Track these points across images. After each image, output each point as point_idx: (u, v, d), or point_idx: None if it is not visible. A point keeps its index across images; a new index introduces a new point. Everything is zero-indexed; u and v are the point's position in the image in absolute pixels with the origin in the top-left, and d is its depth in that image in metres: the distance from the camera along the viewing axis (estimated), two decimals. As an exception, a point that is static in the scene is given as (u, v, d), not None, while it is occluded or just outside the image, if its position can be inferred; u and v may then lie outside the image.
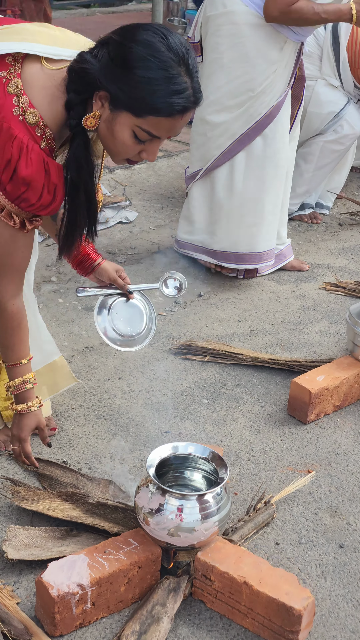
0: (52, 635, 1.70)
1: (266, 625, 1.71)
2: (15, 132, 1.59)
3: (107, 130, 1.62)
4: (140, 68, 1.51)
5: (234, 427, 2.47)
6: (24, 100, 1.61)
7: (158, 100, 1.53)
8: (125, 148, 1.64)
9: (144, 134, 1.59)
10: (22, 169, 1.61)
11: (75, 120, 1.61)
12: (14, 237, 1.75)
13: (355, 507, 2.14)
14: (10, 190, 1.65)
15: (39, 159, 1.62)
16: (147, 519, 1.78)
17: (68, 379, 2.35)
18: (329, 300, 3.41)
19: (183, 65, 1.55)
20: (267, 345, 2.98)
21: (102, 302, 2.12)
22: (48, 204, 1.69)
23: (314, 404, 2.48)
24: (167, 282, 2.26)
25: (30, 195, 1.65)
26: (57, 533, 1.96)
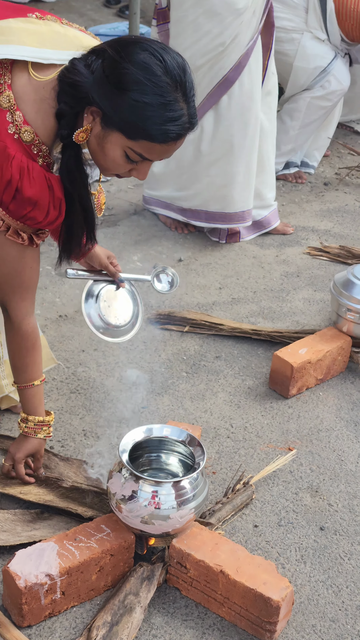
0: (19, 625, 1.63)
1: (243, 615, 1.65)
2: (12, 152, 1.52)
3: (98, 145, 1.56)
4: (136, 92, 1.44)
5: (213, 402, 2.39)
6: (17, 117, 1.53)
7: (152, 126, 1.47)
8: (116, 166, 1.58)
9: (135, 155, 1.54)
10: (27, 190, 1.54)
11: (66, 130, 1.54)
12: (22, 254, 1.68)
13: (337, 487, 2.07)
14: (14, 210, 1.57)
15: (41, 176, 1.55)
16: (120, 506, 1.70)
17: (48, 360, 2.25)
18: (313, 265, 3.31)
19: (180, 91, 1.48)
20: (249, 314, 2.89)
21: (90, 288, 2.03)
22: (54, 219, 1.62)
23: (296, 377, 2.40)
24: (160, 277, 2.17)
25: (36, 214, 1.58)
26: (27, 516, 1.88)
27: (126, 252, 3.22)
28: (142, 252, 3.25)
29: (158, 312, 2.79)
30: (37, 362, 1.85)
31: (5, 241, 1.64)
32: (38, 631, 1.63)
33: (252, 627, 1.64)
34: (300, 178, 4.22)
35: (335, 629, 1.67)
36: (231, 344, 2.69)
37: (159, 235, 3.39)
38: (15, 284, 1.72)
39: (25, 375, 1.86)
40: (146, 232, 3.41)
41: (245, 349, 2.67)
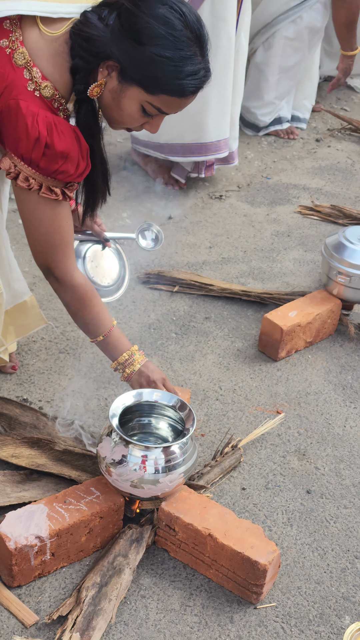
0: (9, 585, 1.65)
1: (230, 577, 1.68)
2: (35, 109, 1.50)
3: (113, 100, 1.55)
4: (157, 46, 1.45)
5: (202, 364, 2.39)
6: (35, 73, 1.51)
7: (173, 81, 1.48)
8: (131, 120, 1.58)
9: (153, 109, 1.56)
10: (58, 144, 1.52)
11: (81, 85, 1.54)
12: (57, 210, 1.66)
13: (324, 451, 2.10)
14: (45, 166, 1.55)
15: (69, 129, 1.54)
16: (110, 469, 1.71)
17: (38, 321, 2.23)
18: (304, 225, 3.29)
19: (197, 45, 1.49)
20: (238, 275, 2.87)
21: (76, 248, 2.01)
22: (84, 170, 1.61)
23: (286, 340, 2.40)
24: (144, 234, 2.14)
25: (68, 167, 1.57)
26: (16, 477, 1.88)
27: (115, 208, 3.18)
28: (131, 209, 3.20)
29: (147, 271, 2.76)
30: (103, 307, 1.83)
31: (39, 200, 1.62)
32: (28, 591, 1.65)
33: (239, 588, 1.67)
34: (292, 134, 4.16)
35: (320, 591, 1.71)
36: (221, 304, 2.68)
37: (149, 192, 3.35)
38: (55, 242, 1.70)
39: (101, 325, 1.83)
40: (136, 189, 3.36)
41: (235, 310, 2.66)
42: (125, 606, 1.64)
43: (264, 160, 3.85)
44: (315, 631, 1.62)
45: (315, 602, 1.68)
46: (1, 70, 1.50)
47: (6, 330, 2.14)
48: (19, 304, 2.15)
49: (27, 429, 2.03)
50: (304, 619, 1.65)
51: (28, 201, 1.64)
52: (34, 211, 1.65)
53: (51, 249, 1.71)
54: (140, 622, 1.60)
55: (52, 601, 1.63)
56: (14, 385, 2.20)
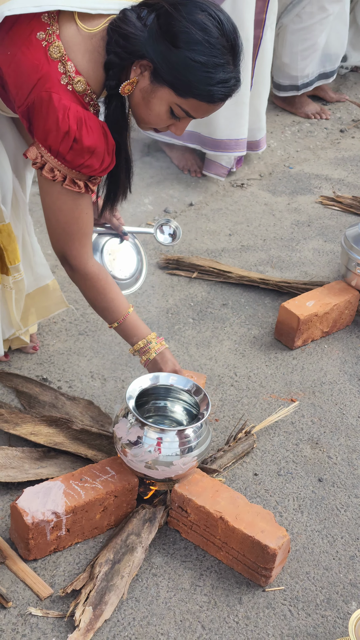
0: (25, 559, 1.70)
1: (240, 560, 1.71)
2: (67, 103, 1.53)
3: (143, 99, 1.57)
4: (192, 51, 1.47)
5: (218, 350, 2.42)
6: (69, 67, 1.54)
7: (204, 87, 1.50)
8: (158, 121, 1.61)
9: (181, 112, 1.58)
10: (86, 139, 1.55)
11: (114, 81, 1.56)
12: (78, 201, 1.69)
13: (337, 440, 2.12)
14: (71, 159, 1.59)
15: (98, 125, 1.57)
16: (125, 450, 1.75)
17: (59, 304, 2.27)
18: (325, 215, 3.30)
19: (231, 54, 1.51)
20: (257, 263, 2.89)
21: (94, 241, 2.04)
22: (108, 165, 1.64)
23: (302, 330, 2.42)
24: (162, 229, 2.17)
25: (93, 162, 1.60)
26: (34, 454, 1.93)
27: (137, 194, 3.21)
28: (153, 195, 3.23)
29: (167, 257, 2.79)
30: (119, 294, 1.85)
31: (62, 191, 1.65)
32: (43, 565, 1.70)
33: (248, 571, 1.71)
34: (324, 113, 4.15)
35: (328, 577, 1.74)
36: (239, 292, 2.71)
37: (171, 179, 3.37)
38: (73, 231, 1.73)
39: (116, 311, 1.85)
40: (158, 175, 3.38)
41: (253, 297, 2.69)
42: (137, 583, 1.68)
43: (286, 150, 3.85)
44: (321, 615, 1.66)
45: (322, 587, 1.72)
46: (36, 62, 1.52)
47: (27, 312, 2.18)
48: (41, 287, 2.19)
49: (46, 407, 2.07)
50: (311, 603, 1.68)
51: (51, 191, 1.67)
52: (55, 201, 1.68)
53: (69, 238, 1.75)
54: (151, 599, 1.65)
55: (66, 575, 1.67)
56: (34, 365, 2.25)
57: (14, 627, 1.56)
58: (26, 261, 2.08)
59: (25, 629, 1.56)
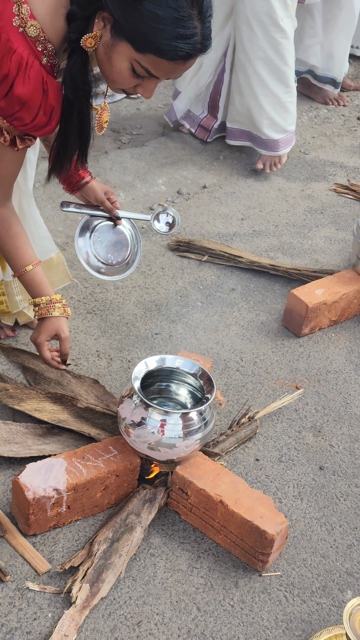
0: (25, 533, 1.71)
1: (238, 544, 1.72)
2: (14, 46, 1.45)
3: (105, 55, 1.49)
4: (151, 3, 1.38)
5: (225, 335, 2.42)
6: (24, 10, 1.45)
7: (162, 41, 1.41)
8: (121, 79, 1.52)
9: (142, 70, 1.48)
10: (19, 87, 1.48)
11: (75, 34, 1.47)
12: (1, 153, 1.63)
13: (340, 429, 2.12)
14: (4, 107, 1.52)
15: (38, 77, 1.49)
16: (129, 430, 1.76)
17: (64, 278, 2.26)
18: (338, 203, 3.28)
19: (196, 8, 1.41)
20: (268, 249, 2.88)
21: (85, 223, 2.00)
22: (42, 125, 1.56)
23: (310, 317, 2.42)
24: (159, 217, 2.12)
25: (24, 114, 1.52)
26: (38, 430, 1.94)
27: (151, 174, 3.19)
28: (167, 175, 3.21)
29: (178, 239, 2.78)
30: (20, 249, 1.79)
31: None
32: (42, 540, 1.71)
33: (246, 555, 1.72)
34: (342, 100, 4.13)
35: (325, 564, 1.75)
36: (248, 277, 2.70)
37: (186, 160, 3.35)
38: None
39: (13, 265, 1.81)
40: (173, 155, 3.36)
41: (262, 283, 2.68)
42: (135, 563, 1.69)
43: (302, 135, 3.82)
44: (317, 602, 1.67)
45: (319, 574, 1.73)
46: None
47: None
48: (45, 261, 2.18)
49: (52, 384, 2.08)
50: (306, 589, 1.69)
51: None
52: None
53: None
54: (147, 579, 1.66)
55: (64, 552, 1.69)
56: (40, 342, 2.25)
57: (10, 601, 1.58)
58: (30, 235, 2.05)
59: (22, 603, 1.57)
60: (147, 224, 2.80)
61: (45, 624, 1.54)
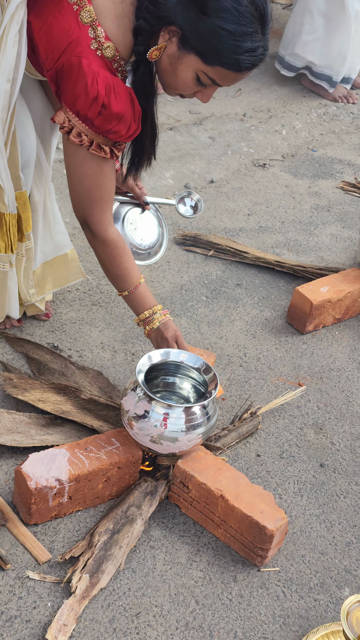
0: (27, 522, 1.72)
1: (237, 539, 1.73)
2: (96, 69, 1.53)
3: (170, 65, 1.58)
4: (220, 19, 1.47)
5: (229, 330, 2.42)
6: (100, 32, 1.54)
7: (230, 55, 1.50)
8: (185, 87, 1.61)
9: (207, 80, 1.58)
10: (114, 105, 1.57)
11: (142, 47, 1.56)
12: (103, 167, 1.71)
13: (341, 427, 2.13)
14: (100, 125, 1.60)
15: (125, 91, 1.58)
16: (132, 423, 1.77)
17: (77, 274, 2.27)
18: (345, 201, 3.28)
19: (260, 23, 1.51)
20: (274, 245, 2.88)
21: (116, 210, 2.04)
22: (134, 131, 1.66)
23: (314, 315, 2.42)
24: (184, 201, 2.17)
25: (120, 127, 1.61)
26: (41, 420, 1.95)
27: (159, 167, 3.19)
28: (174, 169, 3.21)
29: (184, 233, 2.79)
30: (133, 263, 1.89)
31: (87, 156, 1.67)
32: (43, 530, 1.72)
33: (245, 550, 1.73)
34: (351, 97, 4.13)
35: (324, 561, 1.76)
36: (253, 272, 2.71)
37: (193, 154, 3.35)
38: (96, 197, 1.75)
39: (128, 280, 1.89)
40: (181, 149, 3.36)
41: (267, 279, 2.68)
42: (135, 554, 1.70)
43: (311, 132, 3.82)
44: (314, 599, 1.68)
45: (317, 571, 1.74)
46: (67, 26, 1.52)
47: (45, 280, 2.18)
48: (59, 256, 2.19)
49: (56, 375, 2.09)
50: (304, 586, 1.70)
51: (77, 156, 1.68)
52: (80, 166, 1.70)
53: (90, 203, 1.77)
54: (147, 571, 1.67)
55: (65, 542, 1.70)
56: (46, 332, 2.26)
57: (10, 589, 1.59)
58: (46, 229, 2.08)
59: (22, 591, 1.59)
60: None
61: (45, 613, 1.55)
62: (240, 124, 3.70)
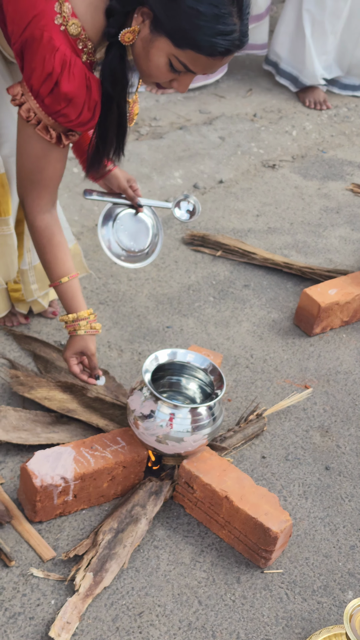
0: (31, 520, 1.73)
1: (241, 540, 1.73)
2: (57, 44, 1.47)
3: (143, 49, 1.51)
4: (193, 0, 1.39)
5: (236, 331, 2.42)
6: (66, 9, 1.47)
7: (202, 37, 1.42)
8: (158, 73, 1.53)
9: (180, 65, 1.50)
10: (64, 85, 1.50)
11: (114, 29, 1.49)
12: (47, 152, 1.65)
13: (347, 430, 2.13)
14: (49, 104, 1.54)
15: (82, 74, 1.51)
16: (137, 422, 1.77)
17: (80, 269, 2.27)
18: (354, 203, 3.27)
19: (236, 5, 1.42)
20: (283, 246, 2.88)
21: (108, 211, 2.02)
22: (87, 121, 1.59)
23: (322, 317, 2.42)
24: (180, 204, 2.13)
25: (70, 111, 1.55)
26: (47, 418, 1.95)
27: (168, 167, 3.19)
28: (184, 168, 3.21)
29: (192, 233, 2.79)
30: (59, 259, 1.80)
31: (33, 135, 1.62)
32: (48, 527, 1.72)
33: (249, 552, 1.73)
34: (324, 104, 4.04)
35: (328, 564, 1.76)
36: (261, 274, 2.70)
37: (203, 154, 3.35)
38: (35, 180, 1.70)
39: (49, 274, 1.83)
40: (191, 149, 3.36)
41: (275, 281, 2.68)
42: (138, 554, 1.70)
43: (321, 134, 3.81)
44: (317, 601, 1.68)
45: (321, 574, 1.74)
46: None
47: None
48: None
49: (62, 373, 2.09)
50: (308, 588, 1.70)
51: (23, 133, 1.63)
52: (25, 144, 1.65)
53: (28, 184, 1.71)
54: (150, 571, 1.67)
55: (69, 540, 1.70)
56: (53, 330, 2.26)
57: (15, 586, 1.59)
58: None
59: (26, 588, 1.59)
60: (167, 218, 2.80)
61: (49, 610, 1.56)
62: (251, 124, 3.70)
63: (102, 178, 2.00)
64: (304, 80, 3.98)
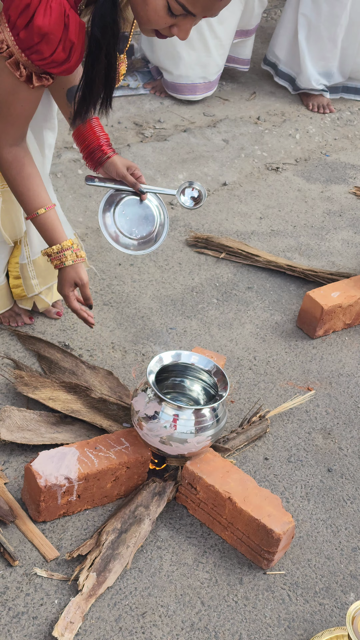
0: (35, 520, 1.74)
1: (244, 541, 1.74)
2: None
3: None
4: None
5: (240, 333, 2.43)
6: None
7: None
8: (156, 18, 1.47)
9: (178, 7, 1.44)
10: (39, 18, 1.43)
11: None
12: (16, 88, 1.60)
13: (349, 432, 2.14)
14: (24, 38, 1.48)
15: (60, 9, 1.44)
16: (141, 423, 1.78)
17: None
18: (357, 206, 3.28)
19: None
20: (286, 249, 2.89)
21: (109, 197, 1.98)
22: (61, 61, 1.51)
23: (325, 320, 2.43)
24: (185, 191, 2.08)
25: (43, 47, 1.48)
26: (51, 418, 1.96)
27: (172, 169, 3.20)
28: (188, 171, 3.22)
29: (196, 235, 2.80)
30: (31, 190, 1.76)
31: (3, 67, 1.56)
32: (52, 527, 1.73)
33: (251, 553, 1.73)
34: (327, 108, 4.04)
35: (330, 566, 1.77)
36: (265, 276, 2.71)
37: (207, 156, 3.36)
38: (1, 114, 1.65)
39: (25, 207, 1.79)
40: (194, 151, 3.37)
41: (278, 283, 2.69)
42: (142, 554, 1.71)
43: (324, 137, 3.82)
44: (319, 603, 1.69)
45: (323, 575, 1.74)
46: None
47: (48, 271, 2.17)
48: None
49: (66, 374, 2.10)
50: (310, 590, 1.71)
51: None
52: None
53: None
54: (153, 571, 1.68)
55: (73, 540, 1.71)
56: (57, 331, 2.27)
57: (18, 586, 1.60)
58: None
59: (30, 588, 1.60)
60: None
61: (52, 610, 1.57)
62: (254, 127, 3.71)
63: (101, 166, 1.95)
64: (299, 84, 4.00)
